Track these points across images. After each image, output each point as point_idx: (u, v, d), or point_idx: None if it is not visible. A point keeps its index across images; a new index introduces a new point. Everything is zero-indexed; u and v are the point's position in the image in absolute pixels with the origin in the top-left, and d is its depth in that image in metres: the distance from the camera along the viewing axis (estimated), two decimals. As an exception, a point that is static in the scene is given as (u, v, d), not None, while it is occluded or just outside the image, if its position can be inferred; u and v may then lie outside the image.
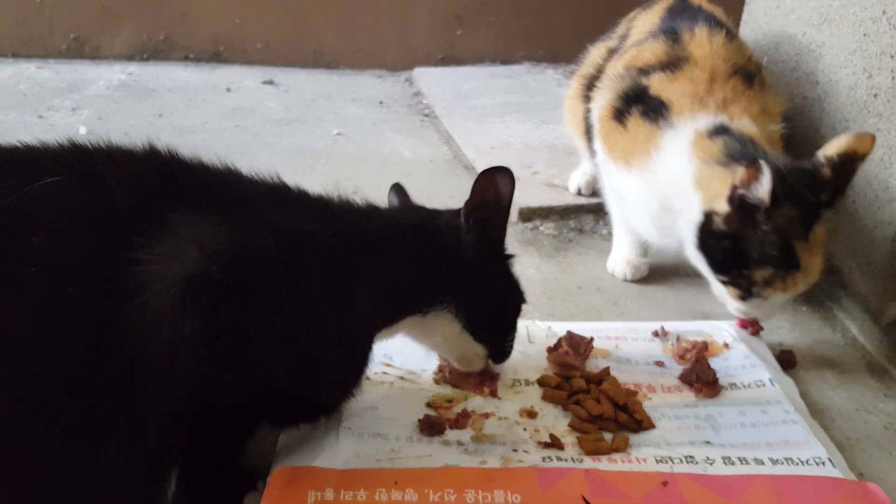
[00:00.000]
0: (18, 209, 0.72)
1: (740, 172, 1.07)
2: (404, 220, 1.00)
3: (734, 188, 1.08)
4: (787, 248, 1.09)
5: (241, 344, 0.78)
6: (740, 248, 1.11)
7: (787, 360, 1.21)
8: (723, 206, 1.11)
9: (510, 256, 1.02)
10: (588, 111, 1.47)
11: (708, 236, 1.14)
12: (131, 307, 0.72)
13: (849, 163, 1.09)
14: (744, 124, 1.20)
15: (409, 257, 0.94)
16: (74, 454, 0.73)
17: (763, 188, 1.05)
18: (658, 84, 1.31)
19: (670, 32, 1.39)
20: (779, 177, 1.04)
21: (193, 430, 0.80)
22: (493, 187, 0.94)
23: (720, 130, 1.19)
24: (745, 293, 1.13)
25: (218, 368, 0.77)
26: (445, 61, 2.68)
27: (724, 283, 1.16)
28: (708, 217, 1.13)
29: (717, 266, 1.15)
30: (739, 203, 1.08)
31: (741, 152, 1.14)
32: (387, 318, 0.95)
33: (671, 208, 1.23)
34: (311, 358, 0.85)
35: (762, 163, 1.05)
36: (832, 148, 1.11)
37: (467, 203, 0.95)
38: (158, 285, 0.73)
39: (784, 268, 1.10)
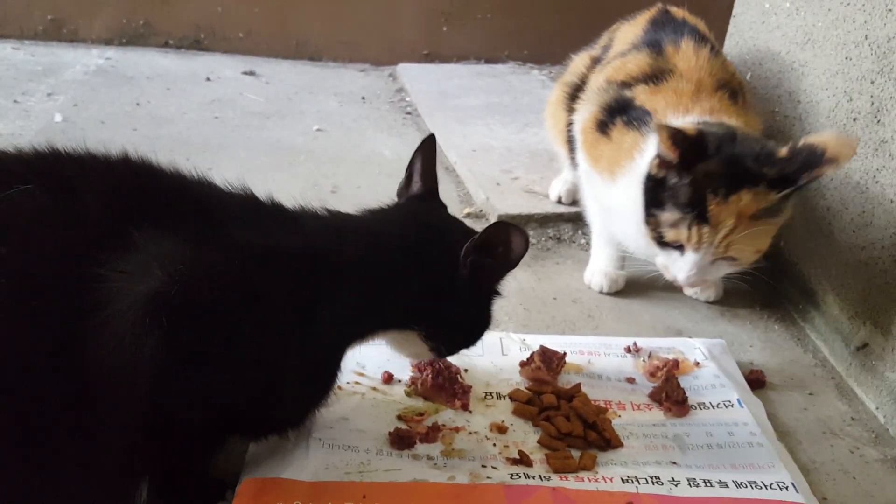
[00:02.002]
0: None
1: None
2: (390, 237, 0.92)
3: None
4: (697, 198, 1.12)
5: (200, 364, 0.77)
6: (657, 189, 1.16)
7: (756, 380, 1.21)
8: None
9: (497, 294, 0.98)
10: (571, 122, 1.47)
11: (645, 181, 1.19)
12: (94, 323, 0.72)
13: (812, 154, 1.09)
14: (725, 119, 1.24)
15: (385, 281, 0.89)
16: (37, 465, 0.73)
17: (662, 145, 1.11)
18: (643, 95, 1.31)
19: (654, 45, 1.39)
20: (710, 137, 1.13)
21: (159, 443, 0.80)
22: (505, 242, 0.89)
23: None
24: (655, 234, 1.17)
25: (177, 387, 0.77)
26: (430, 57, 2.66)
27: (646, 222, 1.20)
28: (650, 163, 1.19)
29: (645, 205, 1.20)
30: (659, 156, 1.15)
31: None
32: (357, 336, 0.93)
33: None
34: (272, 378, 0.84)
35: (658, 122, 1.12)
36: (809, 137, 1.13)
37: (471, 243, 0.89)
38: (120, 303, 0.72)
39: (692, 215, 1.12)
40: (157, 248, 0.75)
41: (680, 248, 1.17)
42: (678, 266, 1.18)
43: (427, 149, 0.99)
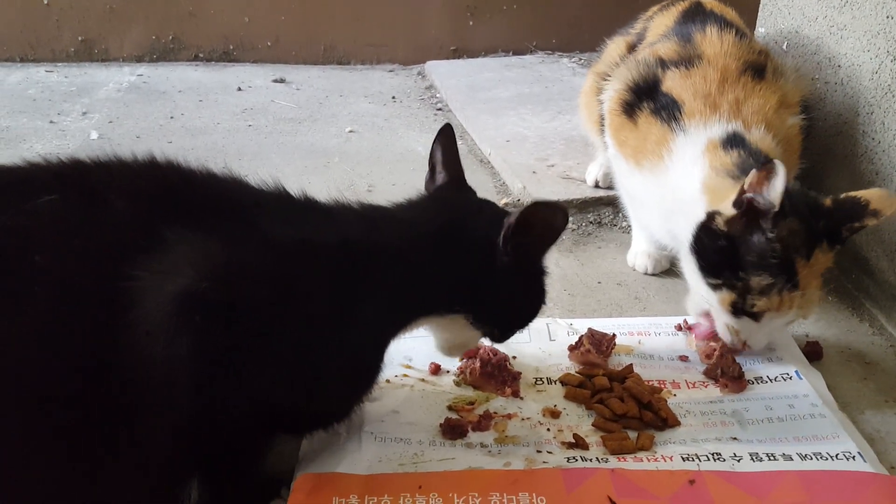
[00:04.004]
0: (19, 227, 0.73)
1: (752, 175, 1.02)
2: (425, 225, 0.91)
3: (743, 191, 1.04)
4: (787, 261, 1.04)
5: (234, 362, 0.76)
6: (738, 251, 1.05)
7: (813, 351, 1.18)
8: (728, 209, 1.06)
9: (543, 271, 0.96)
10: (601, 103, 1.44)
11: (704, 235, 1.09)
12: (127, 323, 0.72)
13: (856, 207, 1.05)
14: (758, 136, 1.17)
15: (425, 269, 0.88)
16: (82, 468, 0.74)
17: (776, 190, 1.00)
18: (670, 81, 1.28)
19: (683, 35, 1.37)
20: (786, 189, 1.02)
21: (205, 442, 0.80)
22: (542, 220, 0.88)
23: (735, 142, 1.16)
24: (740, 300, 1.06)
25: (213, 385, 0.76)
26: (457, 53, 2.65)
27: (717, 286, 1.08)
28: (710, 217, 1.09)
29: (710, 268, 1.09)
30: (747, 207, 1.04)
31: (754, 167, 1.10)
32: (399, 325, 0.92)
33: (676, 212, 1.20)
34: (310, 374, 0.83)
35: (777, 162, 1.00)
36: (853, 191, 1.07)
37: (510, 228, 0.88)
38: (151, 302, 0.72)
39: (783, 280, 1.04)
40: (188, 245, 0.75)
41: (755, 314, 1.07)
42: (758, 337, 1.10)
43: (445, 137, 0.97)
